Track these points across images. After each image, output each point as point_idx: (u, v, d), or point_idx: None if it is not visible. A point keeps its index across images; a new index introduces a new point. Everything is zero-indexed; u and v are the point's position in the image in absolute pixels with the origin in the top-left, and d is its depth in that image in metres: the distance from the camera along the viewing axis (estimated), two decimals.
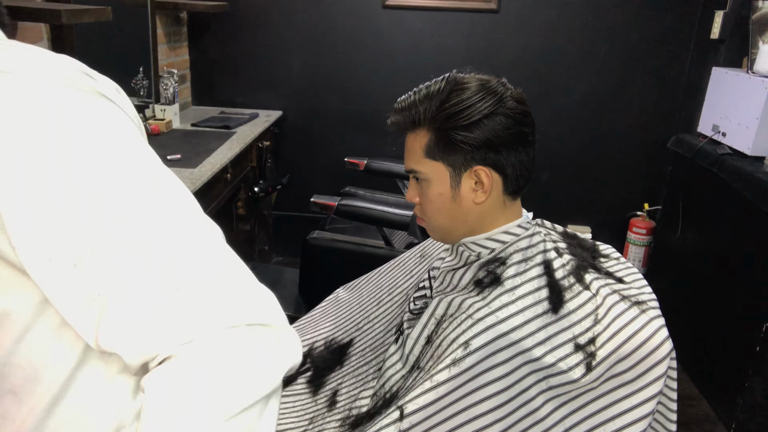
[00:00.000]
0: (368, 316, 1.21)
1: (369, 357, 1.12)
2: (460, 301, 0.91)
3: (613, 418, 0.84)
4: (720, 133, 2.28)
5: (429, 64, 2.86)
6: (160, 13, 2.65)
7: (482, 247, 0.96)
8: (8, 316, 0.54)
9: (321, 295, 1.37)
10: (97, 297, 0.51)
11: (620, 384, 0.85)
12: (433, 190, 0.94)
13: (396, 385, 0.95)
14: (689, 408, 2.18)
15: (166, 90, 2.60)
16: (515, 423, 0.82)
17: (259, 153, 2.71)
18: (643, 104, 2.84)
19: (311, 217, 2.87)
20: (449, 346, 0.86)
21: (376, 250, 2.10)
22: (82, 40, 1.90)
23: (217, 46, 2.98)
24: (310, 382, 1.12)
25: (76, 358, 0.57)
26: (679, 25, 2.72)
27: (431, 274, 1.10)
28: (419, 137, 0.93)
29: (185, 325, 0.51)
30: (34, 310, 0.55)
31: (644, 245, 2.90)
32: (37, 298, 0.54)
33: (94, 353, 0.57)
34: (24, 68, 0.55)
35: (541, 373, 0.84)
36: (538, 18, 2.76)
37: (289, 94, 3.02)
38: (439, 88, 0.92)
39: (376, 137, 3.00)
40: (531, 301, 0.88)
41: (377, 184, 2.68)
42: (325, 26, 2.88)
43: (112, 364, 0.58)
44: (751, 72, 2.18)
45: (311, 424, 1.03)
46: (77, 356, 0.57)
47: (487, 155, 0.90)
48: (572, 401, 0.85)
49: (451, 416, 0.82)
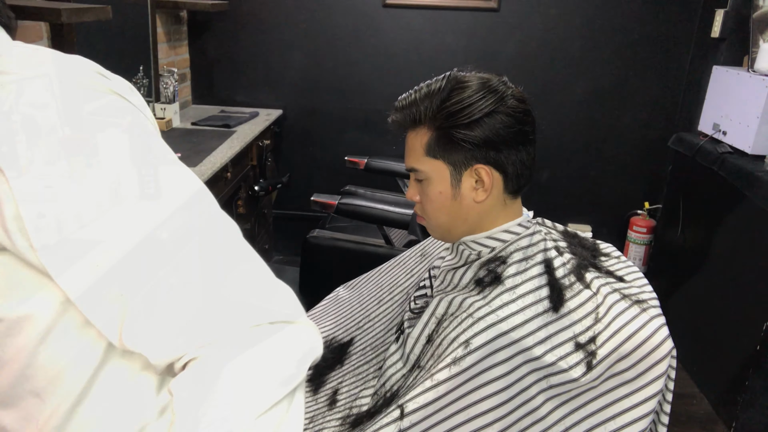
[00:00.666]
0: (369, 315, 1.21)
1: (369, 356, 1.12)
2: (460, 300, 0.91)
3: (614, 417, 0.84)
4: (720, 132, 2.28)
5: (429, 63, 2.86)
6: (160, 12, 2.64)
7: (483, 245, 0.96)
8: (30, 318, 0.54)
9: (321, 293, 1.37)
10: (119, 296, 0.51)
11: (621, 383, 0.85)
12: (434, 189, 0.94)
13: (396, 384, 0.95)
14: (690, 407, 2.18)
15: (166, 89, 2.60)
16: (515, 422, 0.82)
17: (260, 152, 2.70)
18: (643, 103, 2.84)
19: (311, 215, 2.87)
20: (450, 345, 0.86)
21: (377, 249, 2.10)
22: (82, 39, 1.90)
23: (218, 45, 2.98)
24: (310, 381, 1.12)
25: (98, 357, 0.57)
26: (680, 24, 2.71)
27: (432, 273, 1.10)
28: (420, 135, 0.93)
29: (209, 326, 0.51)
30: (56, 311, 0.54)
31: (644, 244, 2.90)
32: (59, 298, 0.54)
33: (117, 351, 0.57)
34: (38, 70, 0.55)
35: (542, 372, 0.84)
36: (539, 17, 2.76)
37: (290, 92, 3.02)
38: (439, 86, 0.92)
39: (376, 136, 3.00)
40: (531, 300, 0.88)
41: (377, 183, 2.68)
42: (325, 25, 2.88)
43: (134, 362, 0.58)
44: (751, 71, 2.18)
45: (312, 423, 1.03)
46: (100, 355, 0.57)
47: (487, 154, 0.90)
48: (572, 400, 0.85)
49: (452, 415, 0.82)
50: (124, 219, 0.52)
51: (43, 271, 0.51)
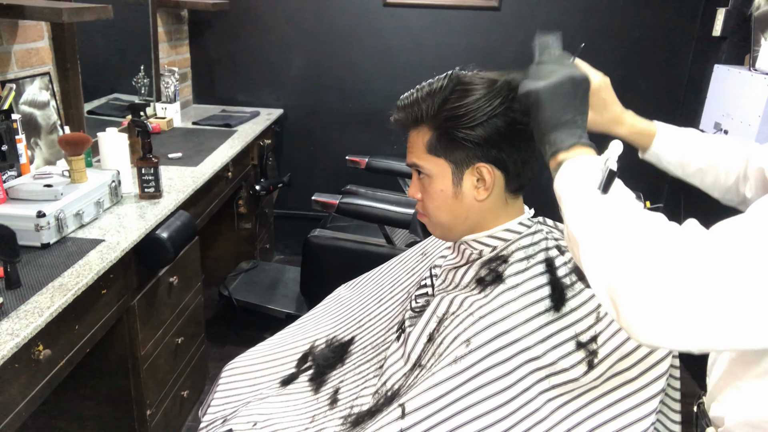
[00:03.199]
0: (370, 314, 1.21)
1: (370, 355, 1.12)
2: (462, 299, 0.90)
3: (616, 416, 0.84)
4: (722, 131, 2.28)
5: (430, 62, 2.86)
6: (161, 11, 2.65)
7: (484, 244, 0.96)
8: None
9: (322, 293, 1.37)
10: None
11: (622, 382, 0.85)
12: (435, 187, 0.94)
13: (397, 383, 0.95)
14: (691, 406, 2.17)
15: (167, 88, 2.60)
16: (518, 423, 0.82)
17: (261, 151, 2.71)
18: (644, 101, 2.83)
19: (312, 215, 2.87)
20: (451, 344, 0.86)
21: (378, 249, 2.10)
22: (83, 39, 1.90)
23: (218, 45, 2.98)
24: (311, 380, 1.12)
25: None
26: (681, 22, 2.71)
27: (433, 272, 1.10)
28: (421, 134, 0.93)
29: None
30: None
31: None
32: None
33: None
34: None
35: (543, 371, 0.84)
36: (539, 15, 2.76)
37: (291, 92, 3.02)
38: (441, 85, 0.91)
39: (377, 135, 3.00)
40: (533, 299, 0.88)
41: (378, 183, 2.68)
42: (326, 24, 2.88)
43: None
44: (753, 69, 2.17)
45: (312, 422, 1.03)
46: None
47: (489, 152, 0.90)
48: (574, 400, 0.85)
49: (453, 415, 0.82)
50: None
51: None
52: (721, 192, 0.95)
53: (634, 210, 0.64)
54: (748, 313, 0.52)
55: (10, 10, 1.46)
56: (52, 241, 1.36)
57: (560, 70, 0.77)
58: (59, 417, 1.69)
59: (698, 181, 0.98)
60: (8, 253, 1.14)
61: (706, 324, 0.53)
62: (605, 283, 0.60)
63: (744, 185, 0.91)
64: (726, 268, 0.53)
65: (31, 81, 1.73)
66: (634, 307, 0.57)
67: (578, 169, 0.70)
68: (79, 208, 1.46)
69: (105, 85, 2.33)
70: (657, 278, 0.56)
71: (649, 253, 0.58)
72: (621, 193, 0.67)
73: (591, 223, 0.65)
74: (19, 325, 1.05)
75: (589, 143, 0.74)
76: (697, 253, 0.55)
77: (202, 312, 2.02)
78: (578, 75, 0.78)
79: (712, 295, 0.53)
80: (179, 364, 1.84)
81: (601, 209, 0.65)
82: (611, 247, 0.61)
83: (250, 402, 1.11)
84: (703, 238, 0.58)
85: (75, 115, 1.92)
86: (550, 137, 0.75)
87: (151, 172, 1.67)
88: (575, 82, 0.76)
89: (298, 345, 1.21)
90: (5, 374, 1.03)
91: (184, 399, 1.89)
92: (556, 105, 0.75)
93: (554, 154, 0.74)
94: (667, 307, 0.55)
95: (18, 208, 1.35)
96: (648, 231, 0.61)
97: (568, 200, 0.69)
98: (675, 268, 0.55)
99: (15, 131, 1.57)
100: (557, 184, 0.72)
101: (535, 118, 0.77)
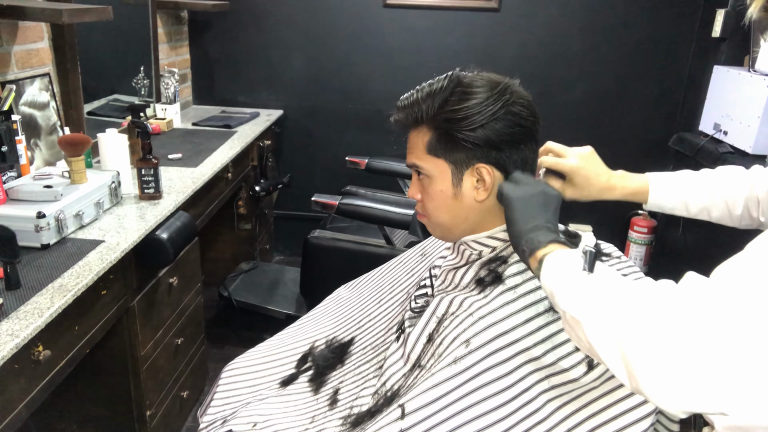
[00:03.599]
0: (369, 314, 1.21)
1: (370, 355, 1.12)
2: (461, 300, 0.91)
3: (616, 417, 0.84)
4: (721, 132, 2.28)
5: (430, 63, 2.86)
6: (161, 12, 2.65)
7: (483, 245, 0.96)
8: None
9: (322, 294, 1.37)
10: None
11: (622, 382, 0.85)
12: (435, 187, 0.94)
13: (397, 384, 0.95)
14: None
15: (166, 89, 2.60)
16: (517, 423, 0.82)
17: (260, 152, 2.71)
18: (644, 102, 2.83)
19: (312, 216, 2.86)
20: (450, 345, 0.86)
21: (377, 249, 2.10)
22: (83, 40, 1.90)
23: (218, 46, 2.98)
24: (311, 380, 1.12)
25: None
26: (681, 24, 2.71)
27: (432, 273, 1.10)
28: (421, 134, 0.93)
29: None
30: None
31: (646, 244, 2.89)
32: None
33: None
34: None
35: (543, 372, 0.84)
36: (539, 16, 2.76)
37: (290, 93, 3.02)
38: (441, 86, 0.92)
39: (377, 136, 3.00)
40: (532, 300, 0.88)
41: (378, 183, 2.68)
42: (326, 25, 2.88)
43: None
44: (752, 70, 2.17)
45: (312, 422, 1.03)
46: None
47: (489, 153, 0.90)
48: (574, 401, 0.85)
49: (453, 415, 0.82)
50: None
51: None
52: (734, 222, 0.98)
53: (625, 281, 0.69)
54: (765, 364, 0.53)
55: (10, 10, 1.47)
56: (51, 242, 1.36)
57: (535, 184, 0.87)
58: (59, 417, 1.69)
59: (706, 217, 1.01)
60: (8, 253, 1.14)
61: (727, 383, 0.54)
62: (617, 355, 0.62)
63: (756, 210, 0.93)
64: (734, 324, 0.54)
65: (31, 82, 1.73)
66: (652, 375, 0.58)
67: (561, 259, 0.74)
68: (79, 209, 1.46)
69: (105, 86, 2.33)
70: (670, 345, 0.57)
71: (658, 321, 0.59)
72: (606, 270, 0.71)
73: (589, 300, 0.67)
74: (19, 325, 1.05)
75: (563, 240, 0.79)
76: (704, 312, 0.56)
77: (202, 313, 2.02)
78: (550, 190, 0.87)
79: (728, 353, 0.54)
80: (179, 365, 1.84)
81: (595, 285, 0.68)
82: (617, 318, 0.63)
83: (249, 402, 1.11)
84: (706, 293, 0.59)
85: (75, 116, 1.92)
86: (527, 238, 0.80)
87: (150, 172, 1.68)
88: (547, 195, 0.85)
89: (297, 346, 1.21)
90: (5, 375, 1.03)
91: (183, 399, 1.89)
92: (531, 211, 0.82)
93: (533, 252, 0.78)
94: (685, 372, 0.56)
95: (18, 209, 1.35)
96: (650, 297, 0.63)
97: (559, 287, 0.72)
98: (686, 332, 0.56)
99: (15, 132, 1.57)
100: (544, 276, 0.75)
101: (510, 220, 0.84)
